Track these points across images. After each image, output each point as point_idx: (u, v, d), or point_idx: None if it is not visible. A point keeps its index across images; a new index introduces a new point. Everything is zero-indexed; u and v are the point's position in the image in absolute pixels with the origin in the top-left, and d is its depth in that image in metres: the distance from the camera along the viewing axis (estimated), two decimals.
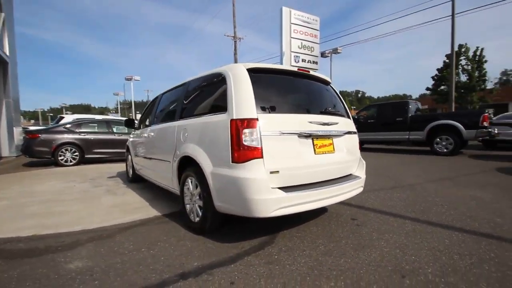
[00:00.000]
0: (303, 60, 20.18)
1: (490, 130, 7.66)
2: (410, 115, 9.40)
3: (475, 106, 25.25)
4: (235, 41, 29.36)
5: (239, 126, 2.07)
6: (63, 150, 7.44)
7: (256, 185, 1.98)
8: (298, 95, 2.61)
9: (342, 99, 3.06)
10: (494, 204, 3.34)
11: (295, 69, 2.64)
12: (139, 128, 4.64)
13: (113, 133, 8.27)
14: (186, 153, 2.62)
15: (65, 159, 7.49)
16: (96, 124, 8.30)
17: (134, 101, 42.22)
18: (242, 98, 2.15)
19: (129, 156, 5.13)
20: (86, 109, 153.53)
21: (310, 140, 2.36)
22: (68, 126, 7.76)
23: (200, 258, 2.12)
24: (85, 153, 7.74)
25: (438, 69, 27.56)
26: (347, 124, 2.82)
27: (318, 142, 2.42)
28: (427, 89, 28.57)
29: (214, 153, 2.29)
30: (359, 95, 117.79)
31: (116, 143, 8.16)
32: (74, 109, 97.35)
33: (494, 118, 9.75)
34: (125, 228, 2.79)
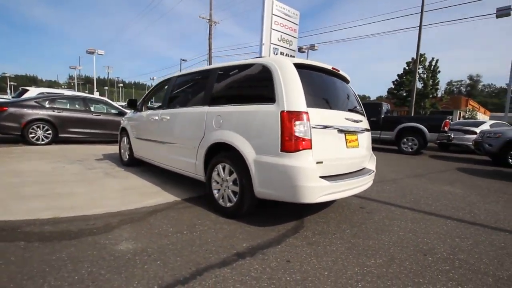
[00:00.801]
0: (282, 53, 20.43)
1: (449, 134, 8.78)
2: (382, 116, 10.27)
3: (426, 112, 28.18)
4: (210, 25, 28.43)
5: (291, 117, 2.21)
6: (34, 127, 6.71)
7: (306, 173, 2.17)
8: (332, 92, 2.81)
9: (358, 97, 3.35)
10: (466, 198, 3.98)
11: (330, 67, 2.82)
12: (141, 110, 4.45)
13: (90, 111, 7.67)
14: (222, 139, 2.68)
15: (36, 137, 6.77)
16: (71, 101, 7.60)
17: (92, 78, 38.71)
18: (293, 92, 2.29)
19: (124, 138, 4.91)
20: (32, 81, 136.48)
21: (343, 135, 2.60)
22: (40, 100, 6.99)
23: (245, 240, 2.25)
24: (59, 132, 7.08)
25: (398, 75, 29.99)
26: (365, 122, 3.12)
27: (349, 137, 2.67)
28: (389, 92, 30.96)
29: (258, 142, 2.40)
30: None
31: (94, 123, 7.60)
32: (18, 80, 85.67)
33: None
34: (153, 212, 2.78)
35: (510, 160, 6.98)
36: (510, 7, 12.25)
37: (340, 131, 2.54)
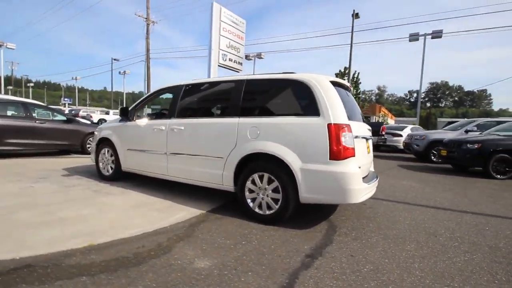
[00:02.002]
0: (230, 60, 20.78)
1: (385, 137, 10.51)
2: None
3: None
4: (147, 24, 26.82)
5: (338, 129, 2.52)
6: None
7: (354, 178, 2.50)
8: (350, 104, 3.22)
9: None
10: (424, 190, 4.97)
11: (347, 82, 3.23)
12: (131, 119, 4.08)
13: (33, 119, 6.44)
14: (263, 150, 2.79)
15: None
16: (8, 106, 6.22)
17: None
18: (336, 106, 2.60)
19: (106, 150, 4.39)
20: None
21: (365, 142, 3.04)
22: None
23: (302, 242, 2.44)
24: None
25: None
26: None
27: (367, 144, 3.12)
28: None
29: (304, 151, 2.63)
30: None
31: (38, 133, 6.40)
32: None
33: None
34: (191, 227, 2.69)
35: (433, 157, 8.84)
36: (419, 34, 15.47)
37: (365, 138, 2.97)
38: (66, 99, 46.88)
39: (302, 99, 2.78)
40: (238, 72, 23.82)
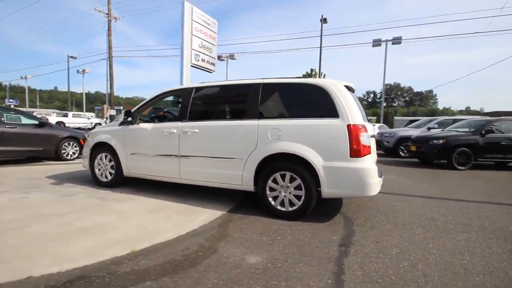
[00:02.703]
0: (203, 60, 20.56)
1: None
2: None
3: None
4: (109, 20, 25.33)
5: (356, 129, 2.78)
6: None
7: (372, 173, 2.78)
8: (358, 106, 3.50)
9: None
10: (405, 182, 5.54)
11: (352, 86, 3.50)
12: (134, 122, 3.94)
13: (1, 123, 5.78)
14: (286, 150, 2.95)
15: None
16: None
17: None
18: (353, 108, 2.86)
19: (103, 155, 4.18)
20: None
21: (374, 140, 3.36)
22: None
23: (329, 234, 2.66)
24: None
25: None
26: None
27: (374, 141, 3.45)
28: None
29: (326, 150, 2.84)
30: None
31: (8, 138, 5.78)
32: None
33: None
34: (220, 227, 2.76)
35: (401, 152, 9.76)
36: (381, 40, 16.85)
37: (373, 137, 3.29)
38: (11, 100, 41.90)
39: (320, 102, 2.99)
40: (211, 72, 23.53)
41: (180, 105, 3.72)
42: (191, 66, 19.14)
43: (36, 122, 6.61)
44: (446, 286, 1.83)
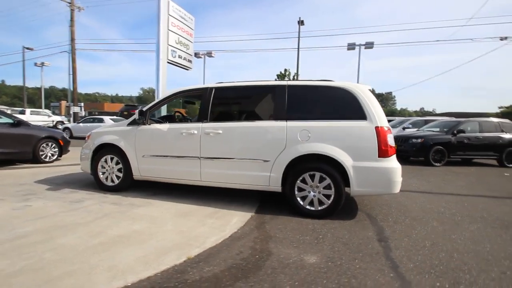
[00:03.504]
0: (180, 56, 19.93)
1: None
2: None
3: None
4: (72, 10, 23.48)
5: (384, 131, 2.96)
6: None
7: (398, 171, 2.98)
8: None
9: None
10: None
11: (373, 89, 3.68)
12: (146, 123, 3.73)
13: None
14: (316, 151, 3.04)
15: None
16: None
17: None
18: (379, 111, 3.04)
19: (108, 158, 3.90)
20: None
21: None
22: None
23: (363, 230, 2.81)
24: None
25: None
26: None
27: None
28: None
29: (355, 151, 2.99)
30: None
31: None
32: None
33: None
34: (257, 229, 2.77)
35: None
36: (355, 44, 17.77)
37: None
38: None
39: (347, 105, 3.12)
40: (187, 70, 22.95)
41: (200, 106, 3.62)
42: (168, 62, 18.43)
43: (11, 121, 5.92)
44: (485, 272, 2.06)
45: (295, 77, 35.67)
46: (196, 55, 21.31)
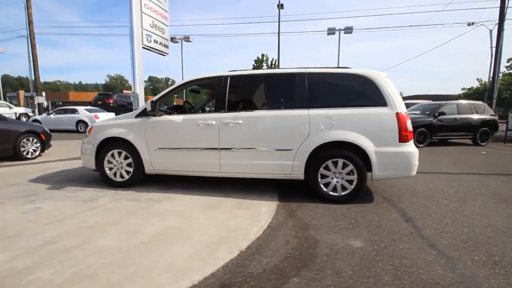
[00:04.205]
0: (155, 41, 18.85)
1: None
2: None
3: None
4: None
5: (404, 117, 3.07)
6: None
7: (416, 155, 3.13)
8: None
9: None
10: None
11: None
12: (156, 114, 3.52)
13: None
14: (340, 138, 3.09)
15: None
16: None
17: None
18: (398, 98, 3.14)
19: (115, 152, 3.66)
20: None
21: None
22: None
23: (387, 212, 2.97)
24: None
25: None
26: None
27: None
28: None
29: (376, 137, 3.08)
30: (169, 82, 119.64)
31: None
32: None
33: None
34: (290, 218, 2.80)
35: None
36: (335, 28, 17.93)
37: None
38: None
39: (368, 92, 3.19)
40: (164, 55, 21.82)
41: (216, 95, 3.48)
42: (143, 48, 17.39)
43: None
44: (507, 243, 2.29)
45: (274, 63, 35.51)
46: (172, 39, 20.24)
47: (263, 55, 35.31)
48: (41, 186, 3.76)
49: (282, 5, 19.17)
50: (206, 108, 4.89)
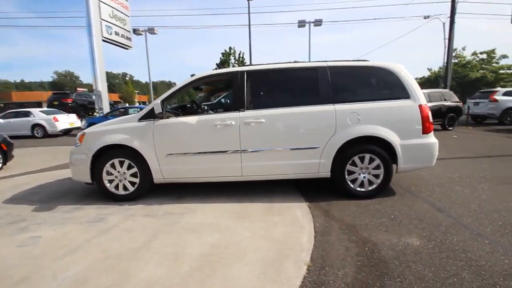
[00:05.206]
0: (116, 33, 17.59)
1: None
2: None
3: None
4: None
5: (426, 109, 3.10)
6: None
7: (437, 146, 3.20)
8: None
9: None
10: None
11: None
12: (163, 116, 3.11)
13: None
14: (368, 133, 3.03)
15: None
16: None
17: None
18: (419, 89, 3.15)
19: (115, 162, 3.19)
20: None
21: None
22: None
23: (415, 204, 3.02)
24: None
25: (217, 64, 34.06)
26: None
27: None
28: None
29: (402, 129, 3.08)
30: (127, 78, 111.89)
31: None
32: None
33: None
34: (330, 218, 2.68)
35: None
36: (305, 21, 18.09)
37: None
38: None
39: (391, 85, 3.16)
40: (127, 49, 20.28)
41: (233, 92, 3.17)
42: (103, 40, 15.92)
43: None
44: None
45: (242, 56, 34.96)
46: (135, 31, 18.72)
47: (230, 48, 34.57)
48: (24, 208, 3.15)
49: None
50: (205, 107, 4.53)
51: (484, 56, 25.73)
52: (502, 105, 10.98)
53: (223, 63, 33.69)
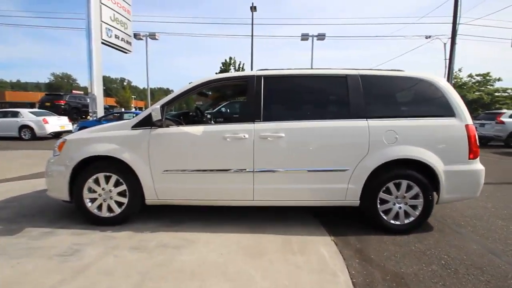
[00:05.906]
0: (116, 37, 17.17)
1: None
2: None
3: None
4: None
5: (473, 130, 2.64)
6: None
7: (483, 174, 2.71)
8: None
9: None
10: None
11: None
12: (163, 125, 2.58)
13: None
14: (407, 156, 2.54)
15: None
16: None
17: None
18: (464, 107, 2.69)
19: (100, 177, 2.63)
20: None
21: None
22: None
23: (460, 241, 2.49)
24: None
25: (216, 73, 33.87)
26: None
27: None
28: None
29: (446, 153, 2.59)
30: (125, 83, 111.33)
31: None
32: None
33: None
34: (366, 261, 2.14)
35: None
36: (308, 34, 17.99)
37: None
38: None
39: (433, 99, 2.70)
40: (126, 53, 19.91)
41: (247, 100, 2.67)
42: (102, 43, 15.49)
43: None
44: None
45: (242, 66, 34.89)
46: (136, 36, 18.36)
47: (230, 58, 34.47)
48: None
49: (255, 7, 18.69)
50: (208, 116, 4.02)
51: (479, 78, 26.23)
52: (509, 128, 10.75)
53: (223, 73, 33.47)
